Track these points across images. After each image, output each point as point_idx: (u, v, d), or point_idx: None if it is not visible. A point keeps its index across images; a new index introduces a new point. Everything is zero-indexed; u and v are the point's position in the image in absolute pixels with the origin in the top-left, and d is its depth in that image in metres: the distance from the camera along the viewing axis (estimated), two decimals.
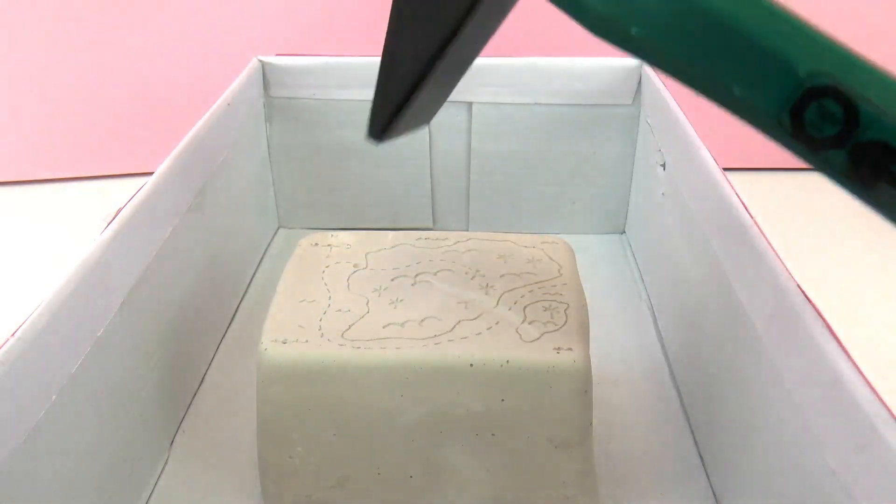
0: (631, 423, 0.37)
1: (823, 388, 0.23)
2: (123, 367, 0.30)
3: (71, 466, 0.26)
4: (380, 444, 0.29)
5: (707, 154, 0.36)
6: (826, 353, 0.23)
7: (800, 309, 0.25)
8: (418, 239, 0.34)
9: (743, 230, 0.30)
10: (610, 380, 0.39)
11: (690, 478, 0.34)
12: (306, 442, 0.29)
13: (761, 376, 0.28)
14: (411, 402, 0.28)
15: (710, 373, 0.34)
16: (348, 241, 0.34)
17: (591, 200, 0.52)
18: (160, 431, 0.34)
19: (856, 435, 0.21)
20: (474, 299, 0.30)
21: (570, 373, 0.27)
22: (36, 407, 0.24)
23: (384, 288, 0.31)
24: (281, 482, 0.30)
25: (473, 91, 0.48)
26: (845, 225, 0.55)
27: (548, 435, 0.28)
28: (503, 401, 0.27)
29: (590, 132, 0.49)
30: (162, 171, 0.34)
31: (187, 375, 0.38)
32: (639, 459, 0.35)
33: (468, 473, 0.29)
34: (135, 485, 0.32)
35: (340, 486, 0.30)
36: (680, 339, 0.39)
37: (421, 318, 0.29)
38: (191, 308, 0.38)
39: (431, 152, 0.51)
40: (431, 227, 0.53)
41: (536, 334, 0.28)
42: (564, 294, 0.30)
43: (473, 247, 0.33)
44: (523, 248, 0.33)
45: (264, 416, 0.28)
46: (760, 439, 0.28)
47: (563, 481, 0.29)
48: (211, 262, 0.41)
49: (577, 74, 0.47)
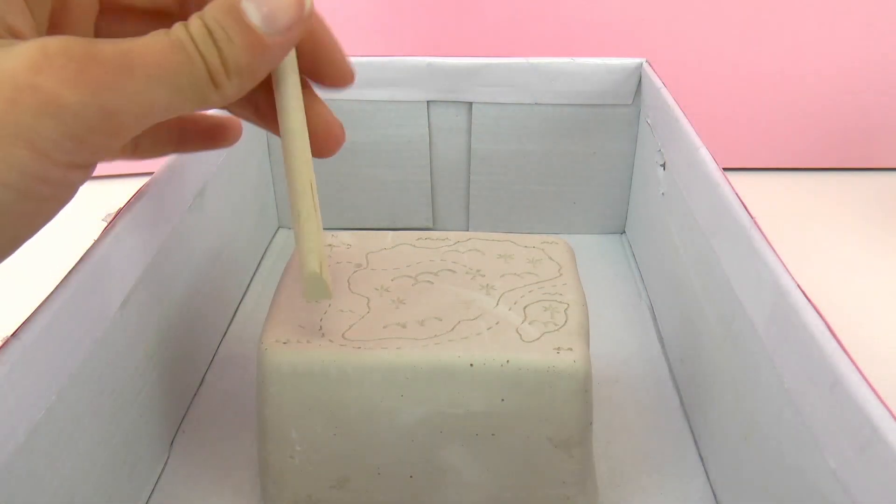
0: (630, 423, 0.37)
1: (823, 388, 0.23)
2: (124, 366, 0.30)
3: (71, 466, 0.26)
4: (380, 445, 0.29)
5: (707, 154, 0.36)
6: (826, 352, 0.23)
7: (800, 308, 0.25)
8: (419, 239, 0.34)
9: (743, 230, 0.30)
10: (609, 379, 0.39)
11: (690, 477, 0.34)
12: (306, 442, 0.29)
13: (761, 376, 0.28)
14: (411, 402, 0.28)
15: (710, 372, 0.34)
16: (349, 241, 0.34)
17: (590, 200, 0.52)
18: (160, 431, 0.34)
19: (856, 435, 0.21)
20: (475, 299, 0.30)
21: (570, 373, 0.27)
22: (36, 407, 0.24)
23: (385, 288, 0.31)
24: (281, 482, 0.30)
25: (473, 91, 0.48)
26: (845, 225, 0.55)
27: (548, 435, 0.28)
28: (503, 401, 0.27)
29: (590, 132, 0.49)
30: (162, 170, 0.34)
31: (187, 375, 0.38)
32: (638, 459, 0.35)
33: (468, 473, 0.29)
34: (135, 485, 0.32)
35: (340, 486, 0.30)
36: (680, 338, 0.39)
37: (422, 319, 0.29)
38: (191, 308, 0.38)
39: (431, 152, 0.51)
40: (431, 227, 0.53)
41: (536, 334, 0.28)
42: (565, 294, 0.30)
43: (474, 247, 0.33)
44: (524, 248, 0.34)
45: (264, 416, 0.28)
46: (760, 438, 0.28)
47: (562, 481, 0.29)
48: (211, 262, 0.41)
49: (577, 75, 0.47)
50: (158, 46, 0.19)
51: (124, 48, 0.18)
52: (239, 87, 0.21)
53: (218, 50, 0.20)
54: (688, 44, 0.58)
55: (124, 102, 0.18)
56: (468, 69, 0.47)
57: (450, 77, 0.48)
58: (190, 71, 0.19)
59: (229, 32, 0.20)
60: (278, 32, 0.21)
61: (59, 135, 0.17)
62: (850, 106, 0.60)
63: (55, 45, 0.17)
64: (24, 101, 0.16)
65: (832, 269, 0.50)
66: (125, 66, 0.18)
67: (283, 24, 0.21)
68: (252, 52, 0.20)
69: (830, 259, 0.51)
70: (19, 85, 0.16)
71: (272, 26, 0.20)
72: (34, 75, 0.16)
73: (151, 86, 0.18)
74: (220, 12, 0.20)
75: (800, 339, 0.25)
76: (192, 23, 0.20)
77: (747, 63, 0.58)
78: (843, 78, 0.59)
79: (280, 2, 0.20)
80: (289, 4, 0.21)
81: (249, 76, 0.21)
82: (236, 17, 0.20)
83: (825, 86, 0.59)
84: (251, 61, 0.20)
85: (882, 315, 0.45)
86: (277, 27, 0.20)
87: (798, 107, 0.60)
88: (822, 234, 0.54)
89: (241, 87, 0.21)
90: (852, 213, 0.56)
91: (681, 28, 0.57)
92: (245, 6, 0.20)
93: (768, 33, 0.57)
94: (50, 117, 0.16)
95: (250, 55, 0.20)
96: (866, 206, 0.57)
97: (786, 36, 0.57)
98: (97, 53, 0.17)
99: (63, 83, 0.16)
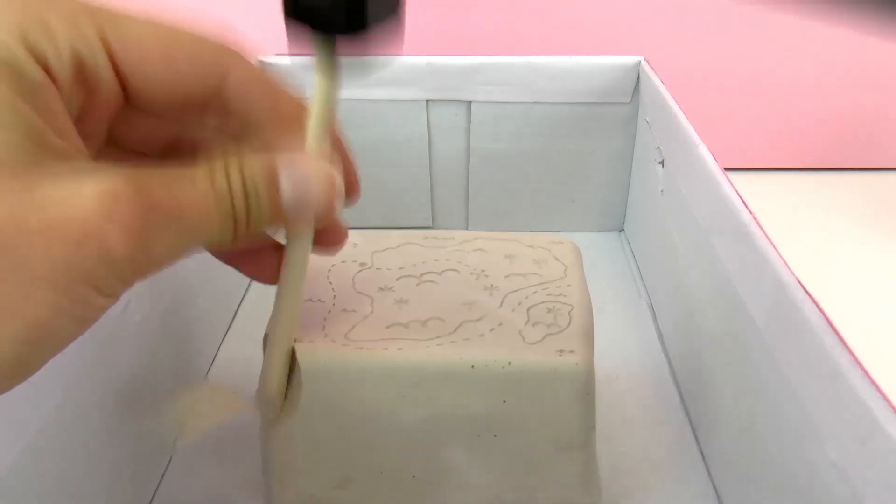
0: (631, 419, 0.37)
1: (824, 381, 0.23)
2: (128, 366, 0.30)
3: (79, 466, 0.26)
4: (382, 445, 0.29)
5: (705, 151, 0.36)
6: (826, 346, 0.23)
7: (800, 303, 0.25)
8: (425, 238, 0.34)
9: (742, 226, 0.30)
10: (610, 376, 0.40)
11: (691, 473, 0.34)
12: (309, 441, 0.29)
13: (761, 370, 0.28)
14: (413, 402, 0.28)
15: (710, 367, 0.34)
16: (355, 240, 0.34)
17: (589, 198, 0.52)
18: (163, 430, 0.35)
19: (857, 427, 0.21)
20: (478, 300, 0.30)
21: (572, 375, 0.27)
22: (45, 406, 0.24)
23: (389, 288, 0.31)
24: (284, 481, 0.30)
25: (472, 90, 0.48)
26: (845, 225, 0.55)
27: (550, 437, 0.28)
28: (505, 402, 0.27)
29: (588, 130, 0.49)
30: None
31: (189, 375, 0.38)
32: (639, 455, 0.35)
33: (471, 474, 0.29)
34: (138, 484, 0.32)
35: (343, 486, 0.30)
36: (679, 335, 0.40)
37: (424, 319, 0.29)
38: (192, 307, 0.38)
39: (430, 151, 0.51)
40: (430, 225, 0.54)
41: (539, 336, 0.28)
42: (569, 296, 0.30)
43: (480, 246, 0.33)
44: (529, 248, 0.33)
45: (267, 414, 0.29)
46: (761, 433, 0.28)
47: (565, 483, 0.29)
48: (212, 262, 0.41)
49: (576, 73, 0.47)
50: (205, 202, 0.19)
51: (179, 200, 0.19)
52: (252, 237, 0.21)
53: (247, 209, 0.20)
54: (686, 42, 0.58)
55: (165, 251, 0.19)
56: (467, 68, 0.47)
57: (449, 76, 0.48)
58: (222, 225, 0.20)
59: (261, 200, 0.20)
60: (301, 215, 0.21)
61: (110, 276, 0.18)
62: (850, 106, 0.60)
63: (124, 192, 0.17)
64: (90, 247, 0.17)
65: (832, 268, 0.50)
66: (176, 218, 0.19)
67: (308, 215, 0.21)
68: (273, 221, 0.21)
69: (830, 259, 0.51)
70: (88, 231, 0.17)
71: (299, 213, 0.21)
72: (103, 223, 0.17)
73: (191, 237, 0.19)
74: (260, 177, 0.20)
75: (800, 332, 0.25)
76: (234, 178, 0.20)
77: (746, 62, 0.58)
78: (842, 78, 0.59)
79: (314, 197, 0.21)
80: (321, 204, 0.21)
81: (264, 231, 0.21)
82: (270, 185, 0.20)
83: (825, 86, 0.59)
84: (270, 225, 0.21)
85: (882, 315, 0.46)
86: (303, 216, 0.21)
87: (798, 107, 0.60)
88: (822, 234, 0.54)
89: (253, 237, 0.21)
90: (852, 213, 0.56)
91: (679, 26, 0.57)
92: (283, 182, 0.20)
93: (767, 32, 0.57)
94: (107, 263, 0.17)
95: (272, 219, 0.21)
96: (866, 206, 0.57)
97: (785, 35, 0.57)
98: (157, 206, 0.18)
99: (123, 234, 0.17)
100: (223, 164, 0.20)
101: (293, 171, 0.20)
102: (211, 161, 0.20)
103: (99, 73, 0.20)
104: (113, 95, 0.21)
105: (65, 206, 0.17)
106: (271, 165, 0.20)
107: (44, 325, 0.17)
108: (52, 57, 0.18)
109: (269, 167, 0.20)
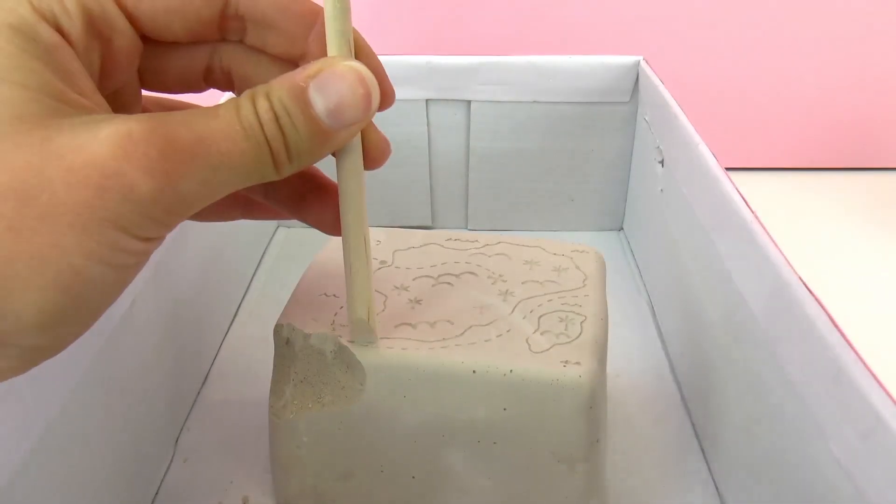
0: (631, 417, 0.37)
1: (826, 378, 0.23)
2: (132, 365, 0.30)
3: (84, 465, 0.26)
4: (383, 443, 0.29)
5: (705, 149, 0.36)
6: (828, 342, 0.23)
7: (801, 299, 0.25)
8: (448, 240, 0.33)
9: (742, 223, 0.30)
10: (610, 375, 0.39)
11: (692, 470, 0.34)
12: (313, 433, 0.29)
13: (763, 367, 0.28)
14: (413, 403, 0.27)
15: (711, 365, 0.34)
16: (379, 237, 0.33)
17: (589, 197, 0.52)
18: (166, 428, 0.35)
19: (859, 423, 0.21)
20: (491, 305, 0.29)
21: (575, 388, 0.26)
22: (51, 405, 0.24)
23: (405, 287, 0.30)
24: (288, 472, 0.30)
25: (472, 89, 0.48)
26: (845, 225, 0.55)
27: (550, 448, 0.27)
28: (505, 410, 0.27)
29: (588, 129, 0.49)
30: None
31: (192, 373, 0.38)
32: (639, 453, 0.35)
33: (470, 479, 0.29)
34: (141, 483, 0.32)
35: (345, 479, 0.30)
36: (680, 333, 0.40)
37: (433, 321, 0.29)
38: (194, 307, 0.38)
39: (430, 150, 0.51)
40: (430, 225, 0.54)
41: (546, 345, 0.27)
42: (584, 306, 0.29)
43: (502, 251, 0.33)
44: (552, 255, 0.32)
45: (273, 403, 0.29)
46: (763, 430, 0.29)
47: (565, 496, 0.29)
48: (212, 262, 0.41)
49: (575, 72, 0.47)
50: (230, 133, 0.19)
51: (200, 134, 0.18)
52: (298, 168, 0.20)
53: (283, 135, 0.19)
54: (685, 42, 0.58)
55: (196, 187, 0.18)
56: (467, 68, 0.47)
57: (448, 75, 0.48)
58: (257, 156, 0.19)
59: (294, 120, 0.19)
60: (343, 127, 0.20)
61: (138, 216, 0.18)
62: (850, 106, 0.60)
63: (139, 131, 0.17)
64: (112, 188, 0.17)
65: (833, 267, 0.50)
66: (200, 154, 0.18)
67: (347, 120, 0.20)
68: (314, 141, 0.20)
69: (830, 259, 0.51)
70: (107, 172, 0.17)
71: (337, 121, 0.20)
72: (120, 163, 0.17)
73: (222, 172, 0.19)
74: (288, 97, 0.19)
75: (802, 330, 0.25)
76: (261, 105, 0.19)
77: (745, 62, 0.59)
78: (843, 78, 0.59)
79: (347, 97, 0.20)
80: (356, 102, 0.20)
81: (309, 160, 0.21)
82: (302, 106, 0.19)
83: (825, 86, 0.59)
84: (313, 148, 0.20)
85: (883, 313, 0.46)
86: (342, 122, 0.20)
87: (798, 106, 0.60)
88: (822, 234, 0.54)
89: (300, 168, 0.21)
90: (852, 213, 0.57)
91: (678, 26, 0.57)
92: (312, 97, 0.20)
93: (767, 31, 0.57)
94: (132, 203, 0.17)
95: (312, 143, 0.20)
96: (866, 206, 0.58)
97: (785, 34, 0.57)
98: (175, 140, 0.18)
99: (144, 172, 0.17)
100: (249, 94, 0.20)
101: (319, 78, 0.20)
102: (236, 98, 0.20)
103: (111, 21, 0.20)
104: (129, 39, 0.21)
105: (82, 152, 0.17)
106: (295, 81, 0.20)
107: (77, 272, 0.17)
108: (61, 16, 0.18)
109: (294, 83, 0.20)
